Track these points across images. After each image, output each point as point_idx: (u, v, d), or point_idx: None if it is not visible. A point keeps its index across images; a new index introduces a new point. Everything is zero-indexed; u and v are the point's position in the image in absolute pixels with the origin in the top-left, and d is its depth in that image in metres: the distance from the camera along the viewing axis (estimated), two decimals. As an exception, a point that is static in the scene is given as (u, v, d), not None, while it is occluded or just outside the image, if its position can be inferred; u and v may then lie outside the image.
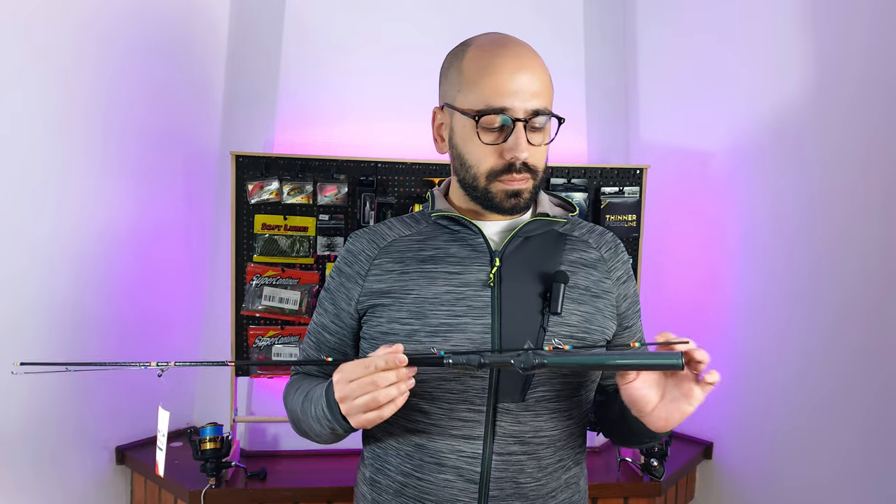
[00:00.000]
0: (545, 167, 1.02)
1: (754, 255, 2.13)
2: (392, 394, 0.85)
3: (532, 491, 1.01)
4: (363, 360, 0.86)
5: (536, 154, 0.98)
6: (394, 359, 0.85)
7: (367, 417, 0.87)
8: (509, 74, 0.94)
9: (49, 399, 1.90)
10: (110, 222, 2.01)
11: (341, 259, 1.10)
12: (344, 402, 0.88)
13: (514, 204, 0.99)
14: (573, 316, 1.02)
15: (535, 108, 0.95)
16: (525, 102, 0.94)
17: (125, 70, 2.01)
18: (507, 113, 0.94)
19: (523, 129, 0.95)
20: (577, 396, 1.04)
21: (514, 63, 0.95)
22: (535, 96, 0.95)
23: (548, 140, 0.99)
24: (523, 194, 0.99)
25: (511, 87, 0.94)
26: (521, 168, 0.96)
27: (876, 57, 1.83)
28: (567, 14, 2.24)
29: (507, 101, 0.94)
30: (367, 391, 0.85)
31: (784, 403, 2.05)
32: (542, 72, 0.97)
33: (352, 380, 0.87)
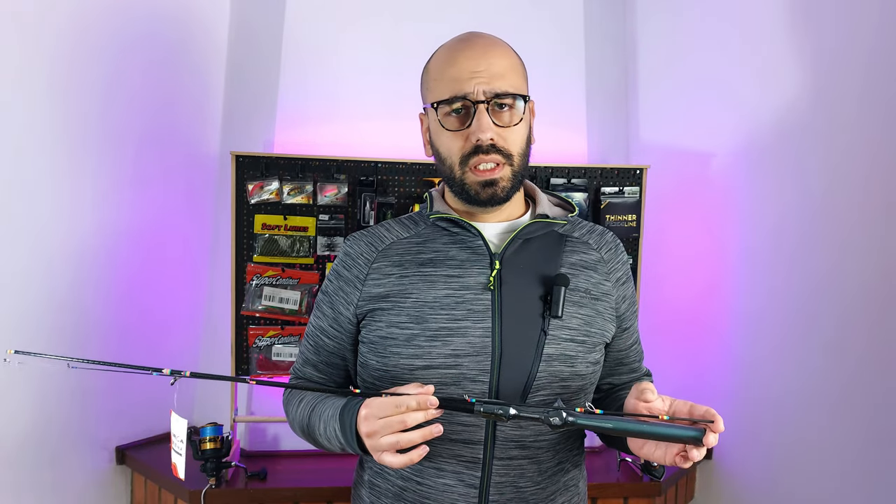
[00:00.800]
0: (523, 152, 1.01)
1: (755, 255, 2.13)
2: (414, 438, 0.85)
3: (532, 495, 1.02)
4: (394, 398, 0.86)
5: (507, 135, 0.98)
6: (425, 401, 0.85)
7: (392, 460, 0.87)
8: (466, 62, 0.98)
9: (49, 399, 1.90)
10: (110, 222, 2.01)
11: (339, 262, 1.09)
12: (370, 437, 0.88)
13: (490, 194, 0.99)
14: (574, 319, 1.02)
15: (495, 90, 0.96)
16: (484, 85, 0.96)
17: (125, 71, 2.01)
18: (467, 97, 0.96)
19: (485, 111, 0.96)
20: (577, 400, 1.04)
21: (471, 52, 0.99)
22: (495, 78, 0.96)
23: (516, 120, 0.98)
24: (499, 183, 0.99)
25: (468, 72, 0.97)
26: (489, 149, 0.97)
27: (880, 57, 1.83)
28: (567, 14, 2.24)
29: (465, 85, 0.97)
30: (394, 430, 0.85)
31: (784, 403, 2.05)
32: (503, 56, 0.99)
33: (381, 417, 0.86)
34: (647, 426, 0.85)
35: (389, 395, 0.87)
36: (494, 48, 0.99)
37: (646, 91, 2.43)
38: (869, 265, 1.84)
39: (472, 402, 0.86)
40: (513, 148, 0.99)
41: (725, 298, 2.21)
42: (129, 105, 2.03)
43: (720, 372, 2.21)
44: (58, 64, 1.85)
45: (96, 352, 2.00)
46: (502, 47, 1.01)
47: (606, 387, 1.18)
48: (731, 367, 2.19)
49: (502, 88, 0.96)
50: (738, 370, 2.18)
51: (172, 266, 2.20)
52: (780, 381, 2.06)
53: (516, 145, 0.99)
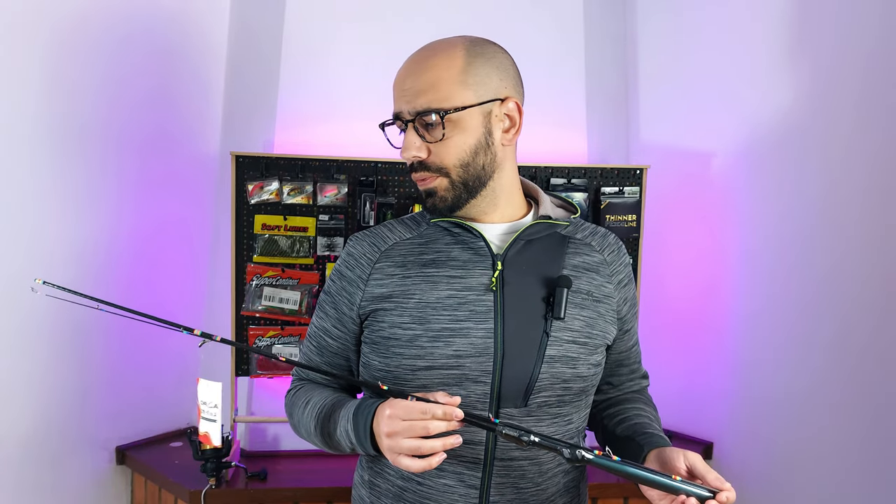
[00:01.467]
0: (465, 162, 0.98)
1: (755, 255, 2.13)
2: (436, 446, 0.86)
3: (533, 496, 1.02)
4: (422, 403, 0.86)
5: (437, 149, 0.98)
6: (451, 412, 0.85)
7: (409, 464, 0.87)
8: (398, 81, 1.01)
9: (49, 399, 1.90)
10: (110, 222, 2.01)
11: (342, 262, 1.09)
12: (391, 438, 0.88)
13: (431, 203, 1.02)
14: (576, 321, 1.02)
15: (415, 108, 0.97)
16: (409, 104, 0.98)
17: (125, 71, 2.00)
18: (399, 118, 1.00)
19: (412, 129, 0.98)
20: (578, 401, 1.04)
21: (404, 70, 1.01)
22: (419, 94, 0.97)
23: (438, 136, 0.97)
24: (437, 192, 1.00)
25: (399, 91, 1.00)
26: (418, 167, 1.00)
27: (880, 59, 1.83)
28: (567, 14, 2.24)
29: (397, 105, 1.01)
30: (416, 434, 0.86)
31: (784, 403, 2.05)
32: (432, 68, 0.97)
33: (405, 419, 0.87)
34: (661, 478, 0.87)
35: (416, 398, 0.87)
36: (424, 61, 0.98)
37: (646, 91, 2.43)
38: (869, 265, 1.85)
39: (496, 423, 0.87)
40: (446, 161, 0.98)
41: (725, 298, 2.21)
42: (129, 105, 2.03)
43: (720, 371, 2.21)
44: (57, 65, 1.85)
45: (96, 351, 2.00)
46: (438, 57, 0.98)
47: (605, 387, 1.18)
48: (731, 366, 2.19)
49: (422, 106, 0.96)
50: (738, 370, 2.18)
51: (172, 266, 2.20)
52: (781, 380, 2.06)
53: (450, 157, 0.98)
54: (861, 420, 1.88)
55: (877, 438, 1.84)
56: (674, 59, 2.35)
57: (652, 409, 1.16)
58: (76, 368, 1.96)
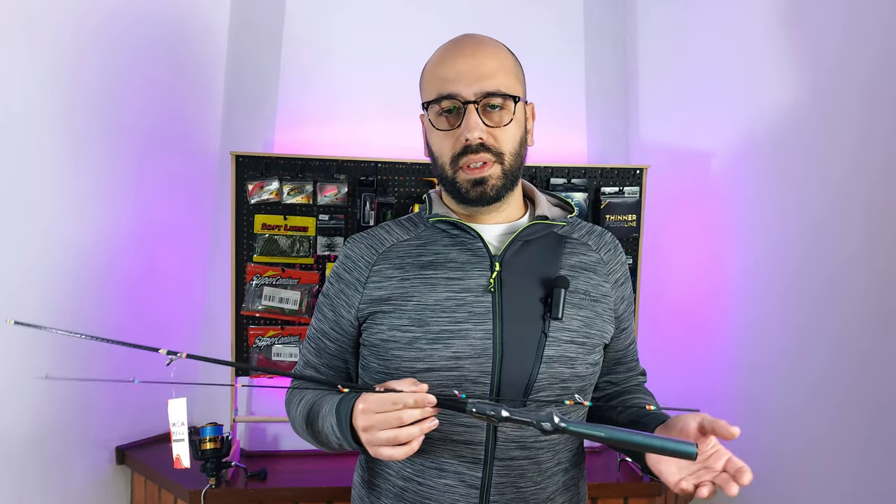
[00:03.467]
0: (516, 152, 1.00)
1: (755, 255, 2.13)
2: (414, 433, 0.86)
3: (532, 495, 1.02)
4: (391, 394, 0.86)
5: (497, 135, 0.98)
6: (423, 399, 0.85)
7: (389, 453, 0.86)
8: (454, 62, 0.99)
9: (50, 399, 1.90)
10: (110, 222, 2.01)
11: (340, 265, 1.09)
12: (367, 431, 0.88)
13: (479, 193, 1.00)
14: (574, 321, 1.02)
15: (484, 89, 0.96)
16: (472, 85, 0.97)
17: (125, 70, 2.01)
18: (456, 97, 0.97)
19: (475, 111, 0.97)
20: (577, 401, 1.05)
21: (459, 51, 0.99)
22: (484, 77, 0.97)
23: (506, 120, 0.98)
24: (489, 181, 0.99)
25: (455, 73, 0.98)
26: (478, 148, 0.97)
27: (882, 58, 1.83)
28: (567, 14, 2.24)
29: (453, 86, 0.97)
30: (391, 425, 0.86)
31: (784, 404, 2.05)
32: (494, 55, 0.99)
33: (378, 412, 0.87)
34: (640, 437, 0.83)
35: (385, 390, 0.86)
36: (484, 48, 0.99)
37: (646, 91, 2.43)
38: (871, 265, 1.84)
39: (464, 400, 0.86)
40: (504, 147, 0.99)
41: (725, 298, 2.21)
42: (130, 105, 2.03)
43: (720, 371, 2.21)
44: (58, 65, 1.85)
45: (96, 351, 2.00)
46: (494, 47, 1.01)
47: (604, 385, 1.18)
48: (731, 366, 2.19)
49: (491, 88, 0.96)
50: (738, 370, 2.18)
51: (172, 266, 2.20)
52: (781, 380, 2.06)
53: (507, 144, 0.99)
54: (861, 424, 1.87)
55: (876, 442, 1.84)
56: (674, 58, 2.35)
57: (650, 396, 1.16)
58: (76, 368, 1.95)
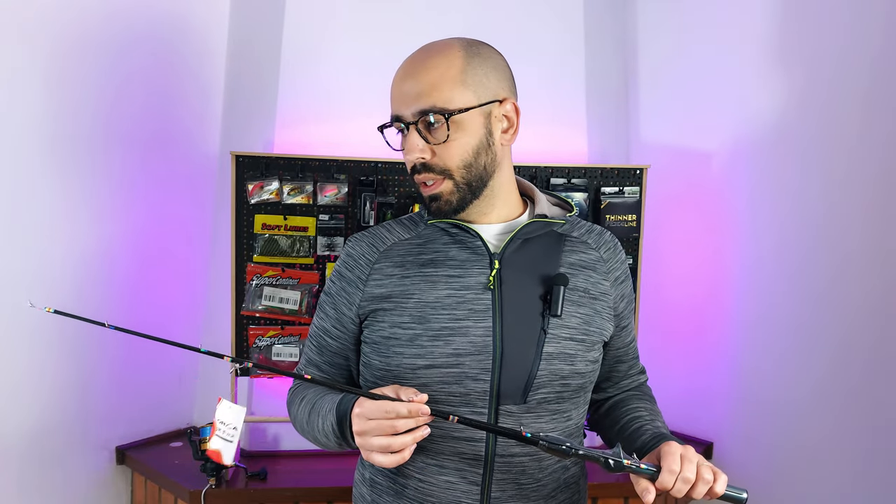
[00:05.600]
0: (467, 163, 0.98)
1: (755, 255, 2.13)
2: (406, 442, 0.87)
3: (533, 492, 1.02)
4: (386, 403, 0.86)
5: (440, 152, 0.97)
6: (417, 410, 0.86)
7: (382, 460, 0.87)
8: (398, 83, 1.00)
9: (50, 399, 1.90)
10: (110, 222, 2.01)
11: (341, 263, 1.10)
12: (361, 437, 0.89)
13: (435, 207, 1.01)
14: (573, 318, 1.02)
15: (419, 108, 0.96)
16: (410, 106, 0.97)
17: (125, 71, 2.01)
18: (401, 119, 0.98)
19: (414, 131, 0.97)
20: (577, 398, 1.05)
21: (403, 70, 1.00)
22: (420, 96, 0.96)
23: (442, 138, 0.96)
24: (441, 197, 1.00)
25: (398, 93, 0.99)
26: (421, 168, 0.98)
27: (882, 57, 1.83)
28: (568, 14, 2.24)
29: (397, 107, 1.00)
30: (384, 433, 0.87)
31: (785, 404, 2.05)
32: (434, 68, 0.97)
33: (371, 419, 0.87)
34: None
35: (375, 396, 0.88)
36: (427, 61, 0.97)
37: (646, 91, 2.44)
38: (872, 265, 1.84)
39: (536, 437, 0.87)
40: (449, 162, 0.98)
41: (726, 298, 2.21)
42: (129, 106, 2.03)
43: (720, 371, 2.21)
44: (58, 65, 1.85)
45: (96, 350, 2.00)
46: (438, 58, 0.97)
47: (605, 384, 1.18)
48: (731, 366, 2.19)
49: (426, 105, 0.95)
50: (738, 370, 2.18)
51: (172, 266, 2.20)
52: (781, 381, 2.06)
53: (453, 160, 0.97)
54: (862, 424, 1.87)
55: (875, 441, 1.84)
56: (674, 58, 2.35)
57: (651, 403, 1.16)
58: (76, 368, 1.96)
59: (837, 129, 1.92)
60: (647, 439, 1.02)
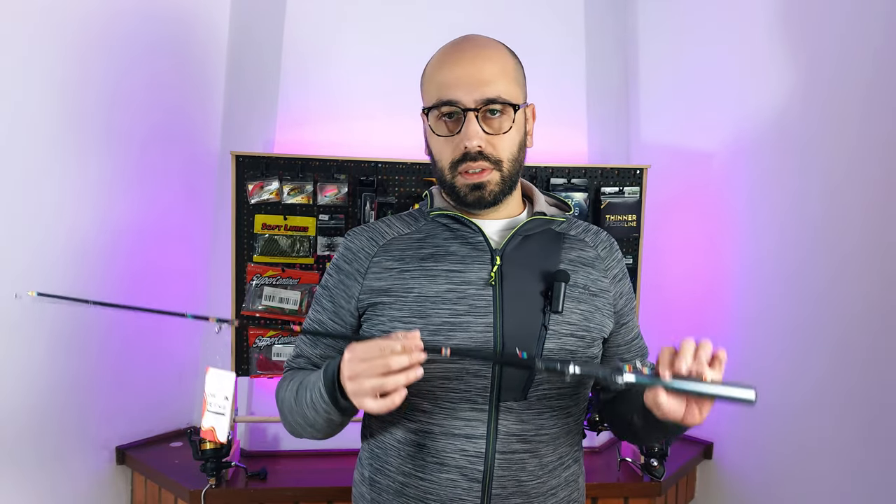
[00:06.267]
0: (514, 157, 1.00)
1: (755, 255, 2.13)
2: (400, 381, 0.84)
3: (534, 489, 1.02)
4: (379, 341, 0.85)
5: (496, 142, 0.98)
6: (411, 345, 0.84)
7: (373, 405, 0.85)
8: (454, 67, 0.98)
9: (49, 399, 1.90)
10: (110, 222, 2.01)
11: (340, 256, 1.09)
12: (353, 380, 0.86)
13: (477, 197, 1.00)
14: (573, 314, 1.02)
15: (485, 96, 0.96)
16: (472, 92, 0.96)
17: (125, 70, 2.01)
18: (456, 104, 0.97)
19: (474, 118, 0.96)
20: (577, 394, 1.05)
21: (459, 56, 0.99)
22: (484, 84, 0.96)
23: (506, 128, 0.98)
24: (486, 186, 0.99)
25: (455, 78, 0.97)
26: (477, 156, 0.97)
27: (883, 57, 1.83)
28: (568, 14, 2.25)
29: (454, 92, 0.97)
30: (377, 373, 0.84)
31: (785, 404, 2.05)
32: (495, 60, 0.98)
33: (364, 359, 0.85)
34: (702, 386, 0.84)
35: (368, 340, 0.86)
36: (485, 52, 0.99)
37: (646, 91, 2.44)
38: (871, 264, 1.85)
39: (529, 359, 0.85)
40: (502, 154, 0.99)
41: (726, 298, 2.21)
42: (130, 105, 2.03)
43: (720, 372, 2.21)
44: (59, 64, 1.86)
45: (97, 349, 2.00)
46: (494, 50, 1.00)
47: None
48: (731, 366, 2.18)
49: (492, 94, 0.96)
50: (738, 370, 2.17)
51: (172, 265, 2.19)
52: (781, 381, 2.06)
53: (506, 151, 0.99)
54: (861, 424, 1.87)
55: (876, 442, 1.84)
56: (674, 58, 2.36)
57: None
58: (76, 368, 1.96)
59: (837, 129, 1.92)
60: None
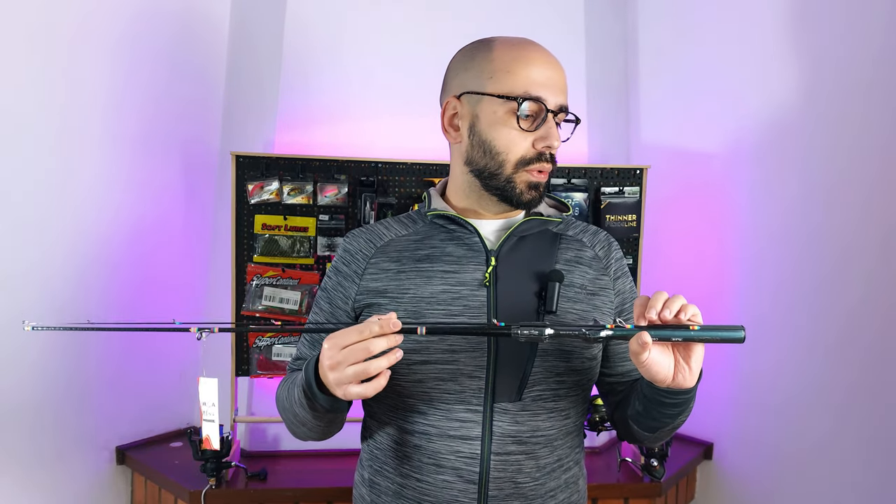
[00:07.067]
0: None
1: (755, 255, 2.13)
2: (382, 365, 0.83)
3: (531, 491, 1.01)
4: (357, 325, 0.84)
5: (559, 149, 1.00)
6: (388, 323, 0.83)
7: (359, 390, 0.83)
8: (545, 67, 0.98)
9: (49, 399, 1.90)
10: (110, 222, 2.01)
11: (338, 258, 1.10)
12: (335, 370, 0.84)
13: (532, 196, 1.01)
14: (569, 314, 1.02)
15: (562, 103, 0.98)
16: (556, 96, 0.98)
17: (126, 70, 2.01)
18: (542, 103, 0.97)
19: (554, 121, 0.98)
20: (574, 396, 1.05)
21: (546, 58, 0.99)
22: (564, 91, 0.99)
23: (566, 136, 1.02)
24: (540, 187, 1.02)
25: (546, 78, 0.97)
26: (551, 157, 0.99)
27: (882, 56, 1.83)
28: (568, 14, 2.24)
29: (543, 91, 0.97)
30: (359, 358, 0.82)
31: (785, 405, 2.05)
32: (564, 72, 1.02)
33: (344, 346, 0.83)
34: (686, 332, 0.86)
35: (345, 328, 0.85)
36: (558, 60, 1.02)
37: (646, 91, 2.44)
38: (873, 266, 1.84)
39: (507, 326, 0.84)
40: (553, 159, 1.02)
41: (726, 298, 2.21)
42: (130, 105, 2.03)
43: (720, 372, 2.21)
44: (58, 64, 1.86)
45: (97, 350, 2.00)
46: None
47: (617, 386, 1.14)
48: (732, 367, 2.19)
49: (567, 103, 1.00)
50: (738, 371, 2.17)
51: (172, 266, 2.20)
52: (781, 381, 2.06)
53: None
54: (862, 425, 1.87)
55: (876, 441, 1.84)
56: (674, 58, 2.35)
57: None
58: (76, 368, 1.96)
59: (837, 129, 1.92)
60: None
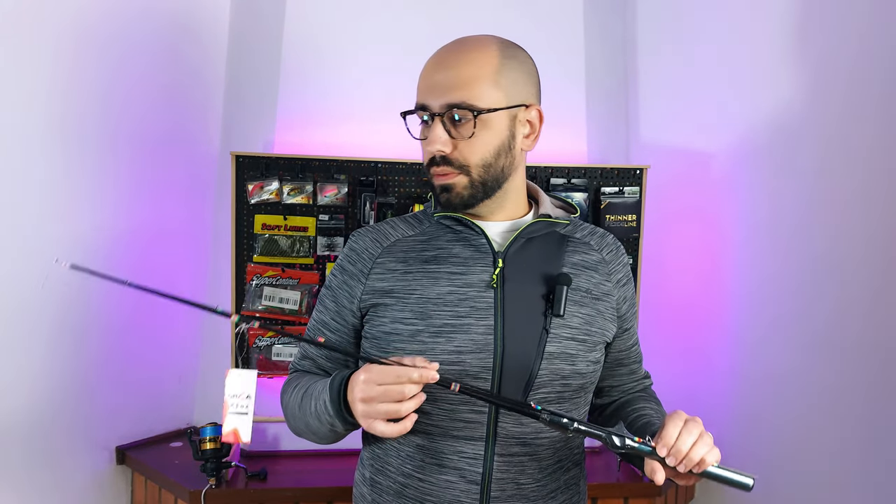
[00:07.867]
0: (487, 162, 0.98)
1: (754, 255, 2.13)
2: (410, 407, 0.86)
3: (533, 492, 1.02)
4: (396, 368, 0.86)
5: (462, 147, 0.97)
6: (427, 376, 0.85)
7: (384, 429, 0.87)
8: (429, 72, 0.99)
9: (49, 399, 1.90)
10: (110, 222, 2.01)
11: (344, 257, 1.10)
12: (367, 403, 0.88)
13: (445, 198, 1.01)
14: (575, 318, 1.02)
15: (448, 101, 0.96)
16: (440, 97, 0.96)
17: (125, 70, 2.01)
18: (427, 109, 0.98)
19: (439, 123, 0.97)
20: (578, 398, 1.05)
21: (438, 61, 0.99)
22: (453, 89, 0.96)
23: (468, 134, 0.96)
24: (453, 189, 1.00)
25: (429, 84, 0.98)
26: (441, 161, 0.98)
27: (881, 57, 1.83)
28: (567, 14, 2.24)
29: (425, 97, 0.98)
30: (392, 399, 0.86)
31: (784, 402, 2.05)
32: (473, 63, 0.96)
33: (381, 384, 0.86)
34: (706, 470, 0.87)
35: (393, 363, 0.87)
36: (466, 55, 0.97)
37: (646, 91, 2.44)
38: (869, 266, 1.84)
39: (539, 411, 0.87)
40: (469, 159, 0.98)
41: (726, 299, 2.21)
42: (130, 105, 2.03)
43: (720, 372, 2.21)
44: (58, 63, 1.85)
45: (96, 350, 2.00)
46: (478, 53, 0.97)
47: (607, 388, 1.18)
48: (732, 367, 2.19)
49: (456, 100, 0.95)
50: (738, 371, 2.18)
51: (172, 266, 2.19)
52: (782, 382, 2.06)
53: (474, 156, 0.98)
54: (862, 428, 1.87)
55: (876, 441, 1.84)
56: (674, 58, 2.35)
57: (657, 405, 1.16)
58: (76, 368, 1.95)
59: (837, 129, 1.92)
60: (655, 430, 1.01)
